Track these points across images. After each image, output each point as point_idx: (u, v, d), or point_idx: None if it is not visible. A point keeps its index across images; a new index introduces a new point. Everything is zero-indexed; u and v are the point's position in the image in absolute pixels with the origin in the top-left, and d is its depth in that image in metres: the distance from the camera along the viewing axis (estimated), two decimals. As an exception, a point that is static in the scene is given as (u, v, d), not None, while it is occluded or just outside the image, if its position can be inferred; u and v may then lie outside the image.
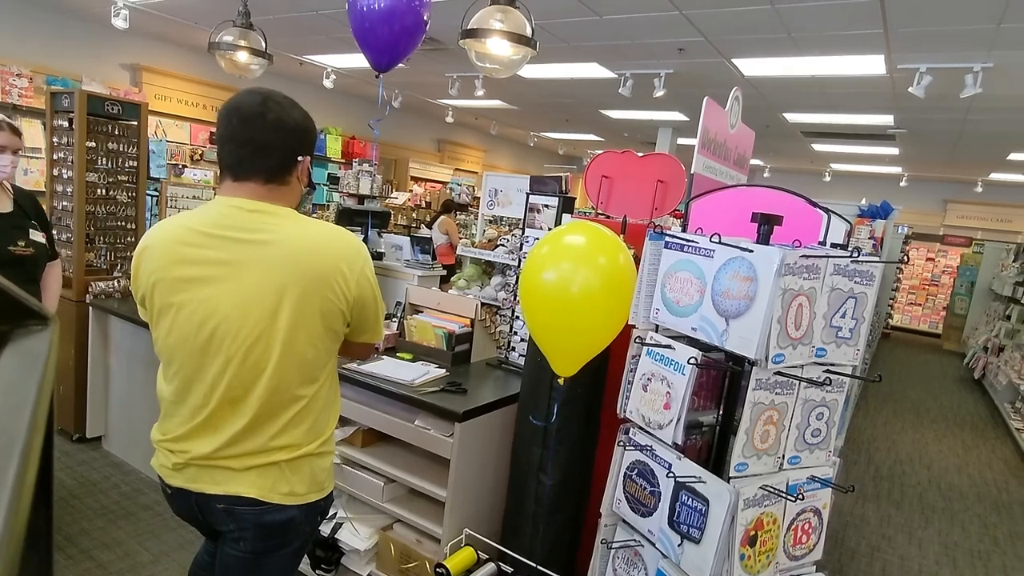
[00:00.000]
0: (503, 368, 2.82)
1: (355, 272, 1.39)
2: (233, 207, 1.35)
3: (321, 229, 1.41)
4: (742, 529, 1.46)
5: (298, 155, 1.40)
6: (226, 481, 1.38)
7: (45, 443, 0.45)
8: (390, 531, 2.52)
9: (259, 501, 1.38)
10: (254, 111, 1.33)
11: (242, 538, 1.42)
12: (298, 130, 1.39)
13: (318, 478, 1.47)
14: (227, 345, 1.32)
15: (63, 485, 3.15)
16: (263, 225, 1.33)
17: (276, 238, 1.33)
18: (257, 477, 1.38)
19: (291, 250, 1.33)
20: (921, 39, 4.21)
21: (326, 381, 1.46)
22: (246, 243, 1.32)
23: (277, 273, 1.31)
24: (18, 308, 0.53)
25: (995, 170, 9.50)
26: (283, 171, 1.38)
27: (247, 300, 1.31)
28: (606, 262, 1.76)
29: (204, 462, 1.39)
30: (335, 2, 4.75)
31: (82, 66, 6.27)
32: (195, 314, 1.33)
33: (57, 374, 1.47)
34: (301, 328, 1.34)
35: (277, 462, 1.39)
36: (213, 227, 1.34)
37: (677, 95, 6.21)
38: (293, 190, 1.43)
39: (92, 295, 3.45)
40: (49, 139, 3.55)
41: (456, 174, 11.50)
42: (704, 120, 2.18)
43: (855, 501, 4.17)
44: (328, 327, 1.39)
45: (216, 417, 1.37)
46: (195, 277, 1.33)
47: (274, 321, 1.32)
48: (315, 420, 1.44)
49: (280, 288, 1.31)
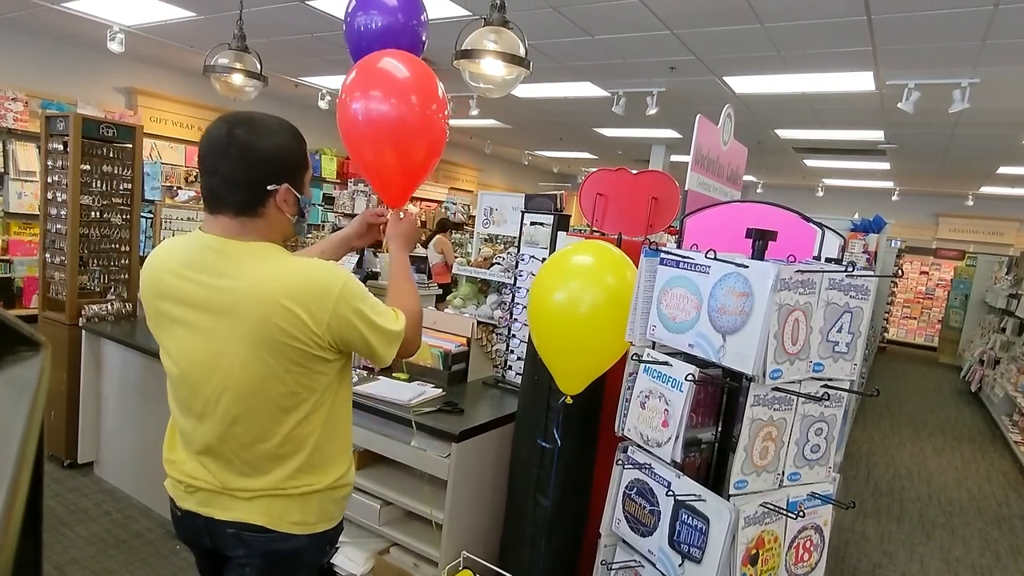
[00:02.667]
0: (500, 387, 2.80)
1: (326, 313, 1.27)
2: (203, 246, 1.32)
3: (286, 270, 1.30)
4: (743, 548, 1.45)
5: (268, 185, 1.30)
6: (235, 508, 1.37)
7: (35, 471, 0.44)
8: (386, 555, 2.48)
9: (268, 529, 1.37)
10: (220, 142, 1.28)
11: (249, 564, 1.40)
12: (268, 160, 1.31)
13: (327, 509, 1.45)
14: (201, 393, 1.33)
15: (53, 513, 3.10)
16: (227, 270, 1.29)
17: (238, 285, 1.27)
18: (266, 506, 1.37)
19: (252, 297, 1.26)
20: (909, 56, 4.28)
21: (315, 415, 1.38)
22: (213, 290, 1.29)
23: (240, 325, 1.27)
24: (7, 333, 0.52)
25: (985, 183, 9.60)
26: (253, 203, 1.31)
27: (213, 352, 1.30)
28: (614, 280, 1.77)
29: (212, 490, 1.38)
30: (330, 25, 4.80)
31: (77, 90, 6.30)
32: (173, 353, 1.36)
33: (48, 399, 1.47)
34: (269, 376, 1.30)
35: (287, 495, 1.38)
36: (187, 268, 1.32)
37: (670, 113, 6.27)
38: (271, 222, 1.34)
39: (85, 318, 3.43)
40: (43, 162, 3.55)
41: (451, 193, 11.55)
42: (697, 137, 2.20)
43: (855, 517, 4.14)
44: (300, 366, 1.31)
45: (209, 456, 1.37)
46: (173, 317, 1.34)
47: (240, 372, 1.29)
48: (312, 455, 1.39)
49: (243, 339, 1.27)
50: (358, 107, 1.67)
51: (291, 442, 1.36)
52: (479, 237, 3.89)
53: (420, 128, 1.70)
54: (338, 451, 1.45)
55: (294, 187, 1.35)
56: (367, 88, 1.69)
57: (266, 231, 1.34)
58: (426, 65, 1.77)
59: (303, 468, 1.38)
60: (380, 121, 1.66)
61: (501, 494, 2.46)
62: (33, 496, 0.43)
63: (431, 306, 3.21)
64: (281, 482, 1.36)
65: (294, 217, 1.38)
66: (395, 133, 1.67)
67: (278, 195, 1.32)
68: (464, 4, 4.13)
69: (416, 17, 2.24)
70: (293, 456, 1.37)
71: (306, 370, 1.32)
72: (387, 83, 1.69)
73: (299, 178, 1.37)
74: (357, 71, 1.74)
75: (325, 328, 1.29)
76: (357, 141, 1.74)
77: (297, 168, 1.36)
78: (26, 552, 0.44)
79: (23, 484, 0.39)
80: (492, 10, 2.70)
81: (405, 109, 1.66)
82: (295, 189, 1.35)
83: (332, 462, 1.44)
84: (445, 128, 1.76)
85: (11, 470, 0.37)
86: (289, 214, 1.36)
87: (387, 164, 1.73)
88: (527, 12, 4.01)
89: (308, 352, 1.30)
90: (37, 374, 0.50)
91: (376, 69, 1.72)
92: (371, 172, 1.79)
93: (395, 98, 1.66)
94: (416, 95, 1.69)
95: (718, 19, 3.99)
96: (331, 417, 1.42)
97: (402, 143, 1.69)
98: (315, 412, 1.38)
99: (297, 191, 1.36)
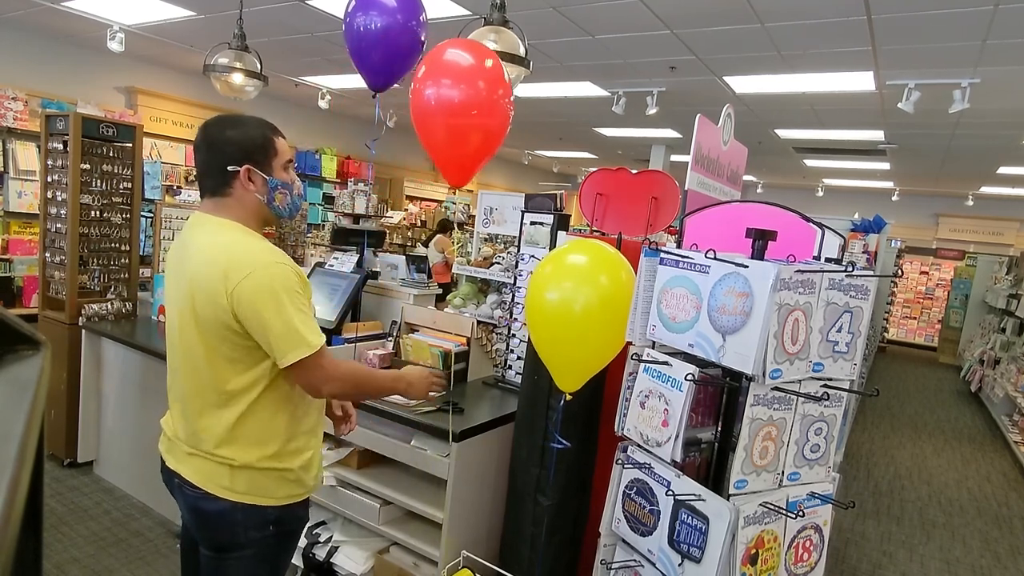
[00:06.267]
0: (500, 387, 2.80)
1: (230, 285, 1.38)
2: (190, 223, 1.54)
3: (227, 242, 1.45)
4: (743, 547, 1.45)
5: (228, 167, 1.46)
6: (180, 461, 1.54)
7: (35, 470, 0.44)
8: (386, 554, 2.48)
9: (196, 487, 1.50)
10: (197, 139, 1.51)
11: (187, 515, 1.56)
12: (227, 144, 1.47)
13: (261, 484, 1.50)
14: (171, 345, 1.55)
15: (53, 512, 3.10)
16: (192, 237, 1.51)
17: (193, 250, 1.48)
18: (200, 464, 1.50)
19: (196, 260, 1.46)
20: (909, 56, 4.27)
21: (250, 393, 1.46)
22: (183, 253, 1.51)
23: (187, 280, 1.46)
24: (7, 332, 0.52)
25: (985, 184, 9.59)
26: (221, 185, 1.49)
27: (175, 309, 1.52)
28: (608, 280, 1.77)
29: (172, 439, 1.57)
30: (330, 24, 4.80)
31: (77, 89, 6.29)
32: (167, 313, 1.60)
33: (49, 398, 1.49)
34: (203, 332, 1.45)
35: (213, 460, 1.48)
36: (177, 241, 1.57)
37: (670, 113, 6.27)
38: (240, 201, 1.50)
39: (85, 317, 3.43)
40: (43, 162, 3.55)
41: (451, 193, 11.54)
42: (697, 137, 2.20)
43: (855, 517, 4.14)
44: (222, 336, 1.43)
45: (176, 407, 1.56)
46: (167, 284, 1.58)
47: (186, 323, 1.47)
48: (247, 430, 1.47)
49: (187, 294, 1.46)
50: (431, 93, 1.89)
51: (222, 408, 1.46)
52: (479, 237, 3.88)
53: (489, 112, 1.95)
54: (273, 434, 1.50)
55: (258, 169, 1.49)
56: (440, 76, 1.92)
57: (236, 210, 1.50)
58: (492, 52, 2.01)
59: (228, 439, 1.47)
60: (450, 106, 1.90)
61: (501, 494, 2.46)
62: (33, 495, 0.43)
63: (431, 306, 3.21)
64: (211, 447, 1.48)
65: (264, 197, 1.51)
66: (465, 117, 1.92)
67: (240, 175, 1.47)
68: (464, 4, 4.13)
69: (416, 17, 2.24)
70: (222, 424, 1.46)
71: (221, 339, 1.43)
72: (459, 71, 1.94)
73: (263, 161, 1.50)
74: (429, 61, 1.96)
75: (228, 301, 1.39)
76: (429, 124, 1.96)
77: (259, 151, 1.49)
78: (26, 551, 0.44)
79: (23, 483, 0.39)
80: (492, 10, 2.70)
81: (475, 95, 1.89)
82: (260, 171, 1.49)
83: (261, 442, 1.49)
84: (509, 112, 2.04)
85: (11, 469, 0.37)
86: (258, 194, 1.50)
87: (459, 146, 2.00)
88: (527, 12, 4.01)
89: (220, 319, 1.41)
90: (37, 373, 0.50)
91: (448, 59, 1.95)
92: (439, 153, 2.02)
93: (465, 84, 1.90)
94: (484, 81, 1.93)
95: (718, 19, 3.99)
96: (266, 398, 1.48)
97: (471, 126, 1.97)
98: (249, 389, 1.46)
99: (263, 173, 1.50)
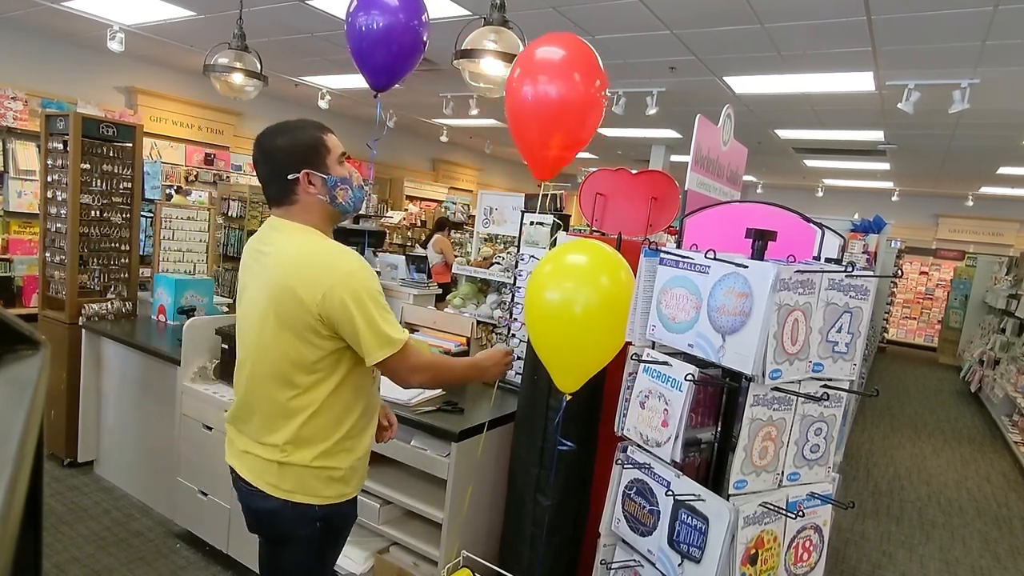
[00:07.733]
0: (500, 387, 2.80)
1: (321, 288, 1.40)
2: (266, 226, 1.56)
3: (308, 247, 1.47)
4: (742, 547, 1.45)
5: (287, 175, 1.47)
6: (235, 456, 1.58)
7: (34, 469, 0.44)
8: (386, 554, 2.48)
9: (248, 483, 1.53)
10: (253, 153, 1.53)
11: (249, 523, 1.60)
12: (280, 153, 1.48)
13: (308, 484, 1.51)
14: (242, 345, 1.56)
15: (53, 511, 3.10)
16: (270, 240, 1.52)
17: (273, 251, 1.49)
18: (252, 461, 1.53)
19: (277, 261, 1.47)
20: (908, 57, 4.27)
21: (314, 391, 1.48)
22: (261, 255, 1.53)
23: (267, 282, 1.47)
24: (7, 332, 0.52)
25: (985, 184, 9.59)
26: (286, 193, 1.50)
27: (252, 304, 1.52)
28: (607, 280, 1.77)
29: (233, 438, 1.60)
30: (330, 24, 4.80)
31: (77, 89, 6.29)
32: (237, 314, 1.61)
33: (48, 398, 1.49)
34: (279, 332, 1.45)
35: (265, 457, 1.50)
36: (256, 241, 1.58)
37: (669, 113, 6.27)
38: (304, 206, 1.51)
39: (85, 317, 3.43)
40: (43, 162, 3.55)
41: (451, 193, 11.54)
42: (697, 137, 2.20)
43: (855, 517, 4.14)
44: (300, 336, 1.44)
45: (241, 408, 1.57)
46: (244, 285, 1.58)
47: (263, 324, 1.47)
48: (307, 430, 1.48)
49: (268, 296, 1.46)
50: (528, 90, 1.91)
51: (285, 411, 1.47)
52: (479, 237, 3.88)
53: (585, 107, 1.96)
54: (330, 433, 1.52)
55: (316, 171, 1.49)
56: (536, 73, 1.94)
57: (304, 215, 1.51)
58: (588, 46, 2.00)
59: (288, 437, 1.48)
60: (547, 102, 1.92)
61: (501, 494, 2.46)
62: (33, 494, 0.43)
63: (431, 306, 3.21)
64: (268, 443, 1.50)
65: (326, 197, 1.51)
66: (560, 112, 1.95)
67: (300, 181, 1.48)
68: (464, 4, 4.13)
69: (417, 17, 2.25)
70: (284, 422, 1.48)
71: (302, 340, 1.43)
72: (555, 67, 1.96)
73: (318, 162, 1.50)
74: (523, 59, 2.00)
75: (316, 305, 1.40)
76: (523, 119, 1.99)
77: (312, 153, 1.49)
78: (26, 550, 0.44)
79: (22, 482, 0.39)
80: (492, 10, 2.70)
81: (570, 90, 1.90)
82: (318, 172, 1.49)
83: (318, 441, 1.50)
84: (603, 106, 2.03)
85: (10, 469, 0.37)
86: (320, 196, 1.50)
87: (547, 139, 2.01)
88: (527, 12, 4.01)
89: (305, 321, 1.41)
90: (37, 373, 0.50)
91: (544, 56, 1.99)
92: (528, 145, 2.05)
93: (562, 80, 1.92)
94: (580, 74, 1.94)
95: (718, 19, 3.99)
96: (330, 399, 1.49)
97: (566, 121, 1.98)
98: (312, 389, 1.47)
99: (321, 173, 1.49)
